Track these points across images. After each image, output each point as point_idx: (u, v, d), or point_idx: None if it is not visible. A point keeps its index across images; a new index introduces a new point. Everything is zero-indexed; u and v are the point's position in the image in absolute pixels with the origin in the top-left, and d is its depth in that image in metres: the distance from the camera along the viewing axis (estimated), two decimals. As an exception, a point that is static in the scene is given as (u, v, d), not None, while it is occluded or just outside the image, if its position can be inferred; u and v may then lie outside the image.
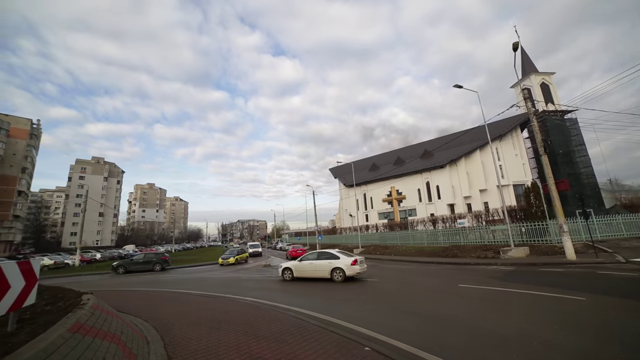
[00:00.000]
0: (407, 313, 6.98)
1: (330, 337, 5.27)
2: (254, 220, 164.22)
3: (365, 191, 55.07)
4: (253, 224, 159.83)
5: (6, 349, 2.89)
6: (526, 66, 48.31)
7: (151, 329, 6.39)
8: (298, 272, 13.93)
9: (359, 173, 51.19)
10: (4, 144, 54.95)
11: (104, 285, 15.56)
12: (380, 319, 6.61)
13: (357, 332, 5.67)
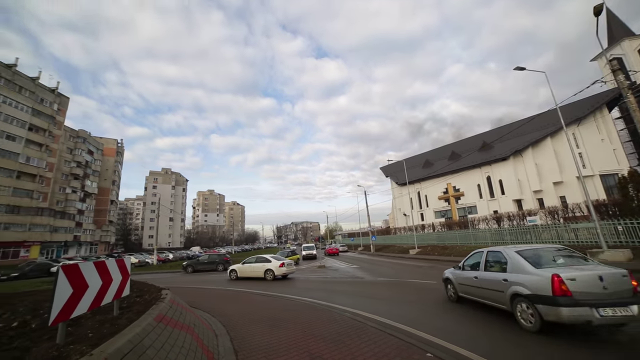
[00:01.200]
0: (473, 320, 6.46)
1: (389, 340, 5.13)
2: (307, 222, 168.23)
3: (419, 189, 52.58)
4: (306, 225, 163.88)
5: (115, 329, 3.59)
6: (615, 31, 40.61)
7: (218, 323, 6.94)
8: (241, 272, 16.94)
9: (411, 171, 49.13)
10: (100, 161, 65.27)
11: (176, 282, 17.36)
12: (445, 324, 6.23)
13: (418, 336, 5.42)
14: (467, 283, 7.33)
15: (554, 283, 4.83)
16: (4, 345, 3.22)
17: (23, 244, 43.54)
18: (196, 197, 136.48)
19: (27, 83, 45.78)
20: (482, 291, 6.70)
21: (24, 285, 11.70)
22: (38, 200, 45.77)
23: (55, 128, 49.44)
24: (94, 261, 3.72)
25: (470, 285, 7.21)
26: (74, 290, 3.12)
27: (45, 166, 47.24)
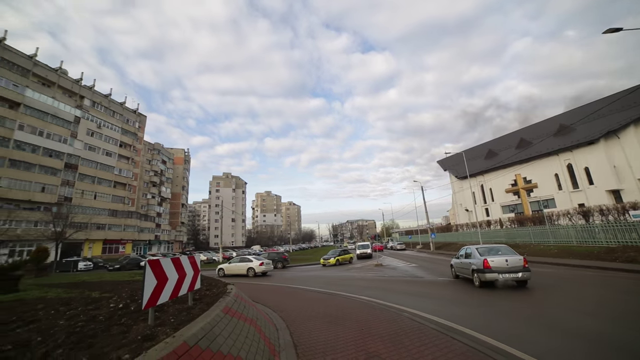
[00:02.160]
0: (548, 326, 5.73)
1: (452, 344, 4.84)
2: (363, 220, 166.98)
3: (482, 182, 48.13)
4: (362, 223, 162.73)
5: (190, 317, 4.04)
6: None
7: (278, 318, 7.32)
8: (228, 270, 20.03)
9: (472, 162, 45.25)
10: (171, 169, 73.97)
11: (240, 278, 18.71)
12: (516, 331, 5.65)
13: (483, 341, 5.01)
14: (458, 266, 12.57)
15: (484, 262, 10.13)
16: (115, 321, 4.08)
17: (120, 241, 51.65)
18: (255, 198, 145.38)
19: (117, 107, 54.33)
20: (463, 270, 11.98)
21: (124, 276, 13.88)
22: (128, 205, 53.84)
23: (137, 143, 57.68)
24: (171, 257, 4.25)
25: (459, 267, 12.43)
26: (158, 282, 3.63)
27: (132, 176, 55.38)
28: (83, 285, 9.53)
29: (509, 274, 9.75)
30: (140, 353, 2.71)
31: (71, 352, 2.93)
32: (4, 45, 38.93)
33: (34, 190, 39.96)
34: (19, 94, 39.52)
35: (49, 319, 4.50)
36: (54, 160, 42.77)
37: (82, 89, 48.35)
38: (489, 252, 10.86)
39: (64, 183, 43.82)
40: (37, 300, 6.43)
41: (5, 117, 37.95)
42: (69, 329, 3.72)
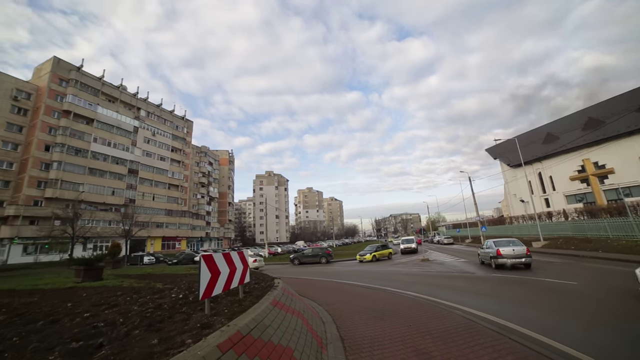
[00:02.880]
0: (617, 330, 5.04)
1: (511, 346, 4.50)
2: (407, 213, 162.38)
3: (540, 169, 43.55)
4: (406, 217, 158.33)
5: (241, 308, 4.30)
6: None
7: (324, 312, 7.43)
8: None
9: (527, 149, 41.17)
10: (218, 170, 78.76)
11: (285, 273, 19.32)
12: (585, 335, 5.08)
13: (546, 344, 4.57)
14: (482, 254, 16.47)
15: (497, 251, 14.01)
16: (177, 309, 4.49)
17: (176, 238, 56.54)
18: (297, 195, 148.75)
19: (167, 115, 59.24)
20: (485, 257, 15.74)
21: (181, 269, 15.19)
22: (181, 205, 58.62)
23: (186, 147, 62.36)
24: (222, 253, 4.54)
25: (483, 255, 16.27)
26: (212, 275, 3.91)
27: (183, 178, 60.12)
28: (149, 277, 10.65)
29: (515, 259, 13.48)
30: (200, 339, 2.96)
31: (145, 334, 3.31)
32: (82, 71, 44.99)
33: (106, 194, 45.49)
34: (93, 111, 45.21)
35: (126, 304, 5.14)
36: (120, 166, 48.20)
37: (139, 102, 53.56)
38: (502, 244, 14.52)
39: (128, 187, 49.16)
40: (116, 288, 7.38)
41: (83, 132, 43.78)
42: (141, 314, 4.19)
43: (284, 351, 3.74)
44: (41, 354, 2.89)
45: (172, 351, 2.71)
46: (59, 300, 5.97)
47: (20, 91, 40.39)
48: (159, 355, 2.64)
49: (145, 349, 2.82)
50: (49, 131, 40.76)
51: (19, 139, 39.60)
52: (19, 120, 39.97)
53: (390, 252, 27.03)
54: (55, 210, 34.99)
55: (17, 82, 40.61)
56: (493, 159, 55.38)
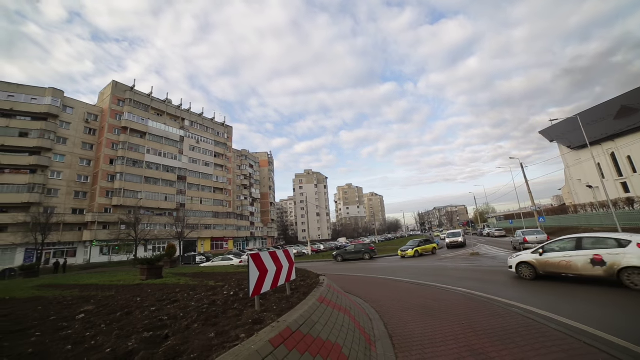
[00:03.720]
0: None
1: (587, 352, 4.04)
2: (452, 205, 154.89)
3: (614, 149, 37.96)
4: (451, 210, 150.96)
5: (289, 305, 4.44)
6: None
7: (370, 308, 7.36)
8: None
9: (593, 127, 36.40)
10: (258, 172, 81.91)
11: (329, 270, 19.45)
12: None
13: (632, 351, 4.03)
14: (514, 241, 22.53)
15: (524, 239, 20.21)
16: (229, 305, 4.78)
17: (223, 238, 59.98)
18: (336, 192, 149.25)
19: (209, 123, 62.95)
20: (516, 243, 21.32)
21: (230, 268, 16.12)
22: (226, 207, 61.96)
23: (228, 152, 65.71)
24: (269, 251, 4.70)
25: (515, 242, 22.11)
26: (260, 273, 4.08)
27: (227, 181, 63.44)
28: (201, 275, 11.45)
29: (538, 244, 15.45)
30: (252, 334, 3.10)
31: (203, 328, 3.57)
32: (135, 91, 49.92)
33: (160, 200, 49.77)
34: (145, 125, 49.78)
35: (184, 300, 5.59)
36: (170, 174, 52.38)
37: (183, 112, 57.62)
38: (527, 233, 20.20)
39: (179, 192, 53.22)
40: (175, 286, 8.05)
41: (139, 145, 48.44)
42: (198, 309, 4.52)
43: (333, 347, 3.77)
44: (123, 340, 3.28)
45: (228, 344, 2.88)
46: (130, 295, 6.70)
47: (90, 114, 46.54)
48: (217, 348, 2.82)
49: (205, 341, 3.04)
50: (112, 146, 45.89)
51: (90, 156, 45.42)
52: (90, 139, 45.92)
53: (434, 247, 25.86)
54: (121, 216, 39.40)
55: (87, 107, 46.75)
56: (549, 141, 50.09)
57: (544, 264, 9.29)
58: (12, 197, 37.36)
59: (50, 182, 40.68)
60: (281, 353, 2.90)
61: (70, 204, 42.30)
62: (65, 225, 39.72)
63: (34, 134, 40.21)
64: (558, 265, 8.88)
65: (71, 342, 3.44)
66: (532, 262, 9.60)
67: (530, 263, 9.66)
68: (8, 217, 36.07)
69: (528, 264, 9.72)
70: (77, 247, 41.29)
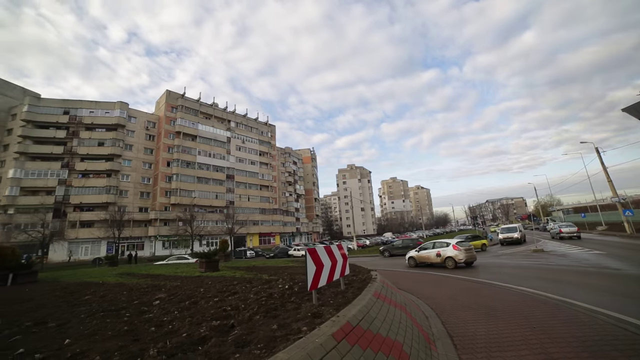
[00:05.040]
0: None
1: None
2: (507, 198, 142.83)
3: None
4: (506, 202, 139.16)
5: (345, 300, 4.41)
6: None
7: (425, 306, 7.06)
8: None
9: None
10: (302, 169, 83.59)
11: (376, 265, 19.05)
12: None
13: None
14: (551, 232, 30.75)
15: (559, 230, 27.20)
16: (286, 299, 4.90)
17: (270, 234, 62.43)
18: (380, 186, 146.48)
19: (253, 123, 65.67)
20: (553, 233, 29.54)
21: (279, 262, 16.68)
22: (272, 204, 64.28)
23: (271, 150, 67.95)
24: (324, 246, 4.72)
25: (552, 233, 30.01)
26: (316, 268, 4.10)
27: (272, 178, 65.72)
28: (254, 269, 12.00)
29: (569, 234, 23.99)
30: (314, 327, 3.13)
31: (265, 319, 3.70)
32: (185, 98, 54.08)
33: (211, 198, 53.37)
34: (195, 129, 53.68)
35: (243, 292, 5.89)
36: (219, 173, 55.82)
37: (228, 115, 60.84)
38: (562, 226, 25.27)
39: (228, 190, 56.49)
40: (232, 278, 8.56)
41: (190, 147, 52.44)
42: (258, 302, 4.72)
43: (394, 344, 3.67)
44: (195, 327, 3.55)
45: (291, 336, 2.95)
46: (194, 286, 7.27)
47: (149, 122, 51.78)
48: (281, 339, 2.90)
49: (268, 332, 3.14)
50: (168, 150, 50.36)
51: (151, 159, 50.56)
52: (150, 145, 51.08)
53: (484, 243, 23.74)
54: (178, 214, 43.21)
55: (147, 116, 52.16)
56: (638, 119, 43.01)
57: (419, 257, 15.96)
58: (95, 198, 43.34)
59: (122, 184, 46.24)
60: (344, 348, 2.89)
61: (137, 203, 47.59)
62: (134, 222, 44.83)
63: (108, 143, 46.03)
64: (425, 257, 15.64)
65: (154, 325, 3.83)
66: (414, 256, 16.30)
67: (413, 257, 16.37)
68: (93, 215, 41.84)
69: (412, 257, 16.39)
70: (144, 241, 46.25)
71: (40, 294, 7.92)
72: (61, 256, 38.50)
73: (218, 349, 2.79)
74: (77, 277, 13.12)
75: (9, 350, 3.19)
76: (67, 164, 43.68)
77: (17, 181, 40.94)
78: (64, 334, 3.73)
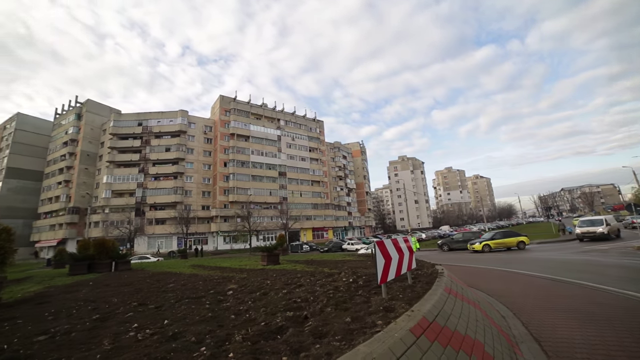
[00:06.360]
0: None
1: None
2: (590, 185, 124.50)
3: None
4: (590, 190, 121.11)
5: (415, 294, 4.23)
6: None
7: (498, 304, 6.49)
8: None
9: None
10: (352, 163, 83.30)
11: (435, 259, 18.05)
12: None
13: None
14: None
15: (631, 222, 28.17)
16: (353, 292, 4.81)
17: (323, 228, 63.51)
18: (435, 177, 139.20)
19: (301, 120, 67.11)
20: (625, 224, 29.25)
21: (336, 256, 16.85)
22: (324, 199, 65.20)
23: (321, 145, 68.74)
24: (391, 239, 4.60)
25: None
26: (385, 261, 4.01)
27: (322, 173, 66.59)
28: (313, 262, 12.31)
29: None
30: (389, 322, 3.06)
31: (337, 312, 3.74)
32: (237, 101, 57.63)
33: (265, 195, 56.19)
34: (247, 130, 56.93)
35: (308, 285, 6.05)
36: (272, 171, 58.40)
37: (277, 113, 63.10)
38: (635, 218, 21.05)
39: (280, 187, 58.82)
40: (294, 271, 8.89)
41: (244, 147, 55.81)
42: (326, 294, 4.80)
43: (474, 344, 3.42)
44: (270, 317, 3.74)
45: (367, 330, 2.92)
46: (260, 278, 7.71)
47: (206, 126, 56.60)
48: (357, 332, 2.89)
49: (343, 325, 3.15)
50: (224, 151, 54.30)
51: (209, 161, 55.18)
52: (208, 147, 55.78)
53: (520, 240, 20.14)
54: (236, 211, 46.47)
55: (204, 121, 57.00)
56: None
57: None
58: (165, 198, 48.99)
59: (186, 185, 51.39)
60: (424, 344, 2.77)
61: (200, 201, 52.41)
62: (198, 219, 49.64)
63: (173, 148, 51.53)
64: None
65: (232, 313, 4.14)
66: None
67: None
68: (165, 213, 47.41)
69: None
70: (207, 236, 50.77)
71: (135, 280, 9.20)
72: (143, 249, 44.35)
73: (297, 338, 2.88)
74: (158, 267, 14.94)
75: (127, 324, 3.78)
76: (142, 169, 50.18)
77: (109, 185, 48.43)
78: (161, 315, 4.26)
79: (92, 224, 44.63)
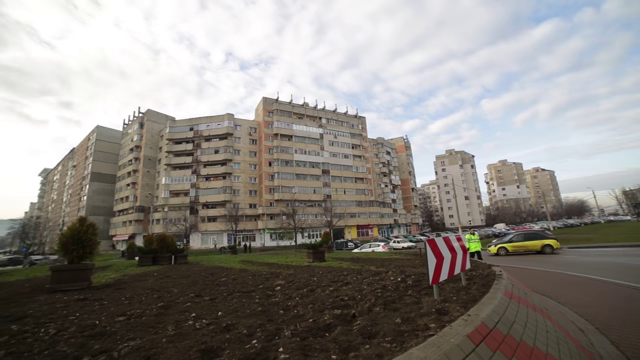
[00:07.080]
0: None
1: None
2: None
3: None
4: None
5: (470, 297, 3.98)
6: None
7: (572, 314, 5.73)
8: None
9: None
10: (396, 158, 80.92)
11: (490, 260, 16.70)
12: None
13: None
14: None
15: None
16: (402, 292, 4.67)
17: (368, 226, 62.61)
18: (487, 171, 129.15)
19: (343, 117, 66.79)
20: None
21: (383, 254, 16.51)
22: (368, 196, 64.22)
23: (363, 142, 67.73)
24: (443, 237, 4.31)
25: None
26: (437, 260, 3.76)
27: (366, 170, 65.61)
28: (359, 260, 12.17)
29: None
30: (443, 325, 2.86)
31: (386, 312, 3.61)
32: (279, 102, 59.44)
33: (309, 193, 57.11)
34: (290, 129, 58.37)
35: (355, 283, 5.98)
36: (315, 169, 59.10)
37: (319, 112, 63.58)
38: None
39: (324, 185, 59.29)
40: (340, 269, 8.87)
41: (287, 147, 57.36)
42: (373, 293, 4.67)
43: (546, 359, 3.04)
44: (317, 314, 3.75)
45: (419, 333, 2.76)
46: (306, 275, 7.82)
47: (251, 128, 59.32)
48: (409, 335, 2.74)
49: (393, 326, 3.02)
50: (268, 151, 56.38)
51: (255, 161, 57.78)
52: (254, 148, 58.39)
53: (545, 244, 17.70)
54: (282, 209, 47.98)
55: (249, 122, 59.78)
56: None
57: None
58: (215, 197, 52.59)
59: (234, 184, 54.53)
60: (485, 353, 2.53)
61: (247, 200, 55.20)
62: (246, 217, 52.36)
63: (221, 150, 55.07)
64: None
65: (281, 308, 4.23)
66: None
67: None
68: (215, 211, 51.04)
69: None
70: (255, 233, 53.28)
71: (192, 273, 9.98)
72: (197, 244, 48.28)
73: (345, 337, 2.83)
74: (211, 261, 16.04)
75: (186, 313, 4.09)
76: (194, 170, 54.54)
77: (167, 186, 53.57)
78: (216, 307, 4.53)
79: (154, 221, 50.01)
